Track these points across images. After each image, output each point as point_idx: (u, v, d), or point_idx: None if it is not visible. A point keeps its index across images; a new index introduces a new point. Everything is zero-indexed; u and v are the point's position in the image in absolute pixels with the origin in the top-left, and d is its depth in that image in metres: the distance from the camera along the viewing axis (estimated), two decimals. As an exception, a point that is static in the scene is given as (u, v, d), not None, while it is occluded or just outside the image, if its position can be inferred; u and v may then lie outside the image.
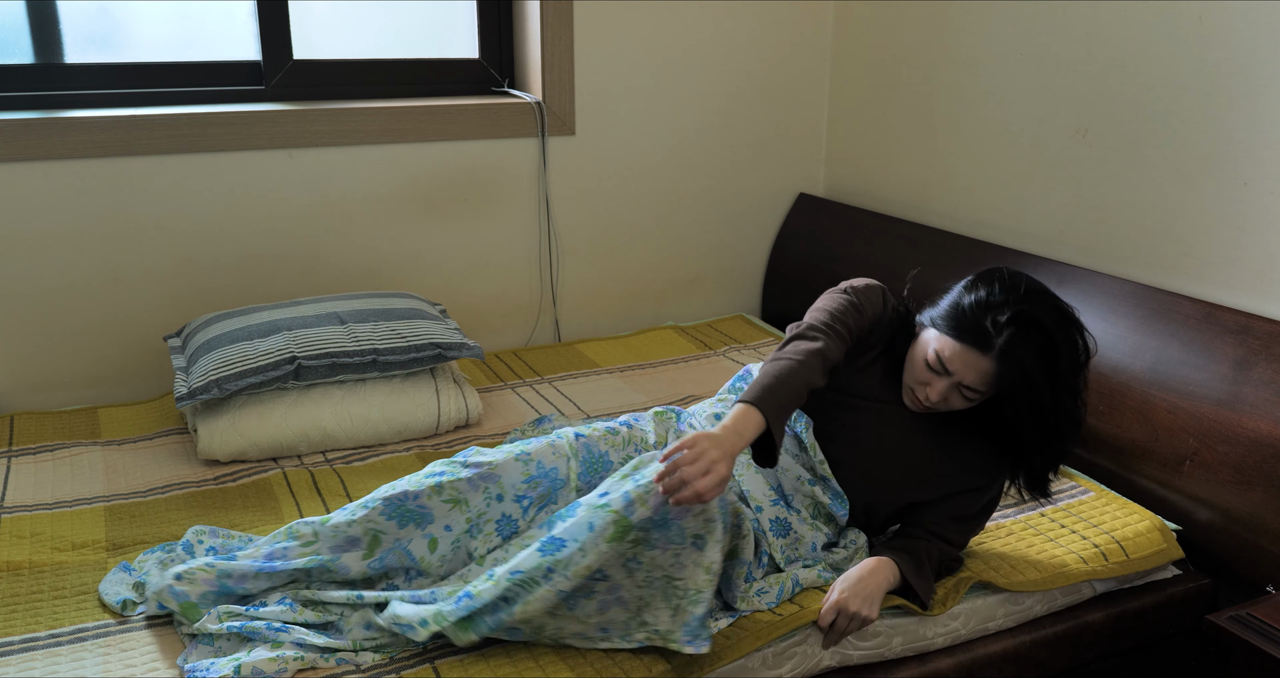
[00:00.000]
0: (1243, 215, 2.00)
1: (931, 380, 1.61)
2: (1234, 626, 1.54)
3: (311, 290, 2.59)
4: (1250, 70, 1.95)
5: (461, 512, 1.60)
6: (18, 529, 1.82)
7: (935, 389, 1.61)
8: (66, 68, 2.40)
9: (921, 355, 1.62)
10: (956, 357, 1.57)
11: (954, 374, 1.58)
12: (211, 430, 2.07)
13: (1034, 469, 1.66)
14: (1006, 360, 1.53)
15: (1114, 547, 1.82)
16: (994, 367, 1.55)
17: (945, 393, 1.60)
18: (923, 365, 1.62)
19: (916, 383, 1.64)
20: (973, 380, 1.58)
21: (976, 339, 1.55)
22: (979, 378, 1.57)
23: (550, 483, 1.66)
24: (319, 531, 1.59)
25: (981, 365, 1.56)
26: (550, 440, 1.71)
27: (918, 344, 1.65)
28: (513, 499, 1.63)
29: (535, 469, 1.65)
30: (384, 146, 2.60)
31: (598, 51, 2.76)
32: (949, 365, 1.58)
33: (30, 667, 1.46)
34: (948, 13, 2.60)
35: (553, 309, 2.91)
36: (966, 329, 1.56)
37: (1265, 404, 1.83)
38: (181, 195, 2.42)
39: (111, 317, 2.43)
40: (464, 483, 1.61)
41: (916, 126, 2.75)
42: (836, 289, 1.72)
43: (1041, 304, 1.56)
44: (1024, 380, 1.53)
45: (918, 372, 1.63)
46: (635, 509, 1.43)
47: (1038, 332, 1.53)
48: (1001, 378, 1.55)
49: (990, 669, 1.71)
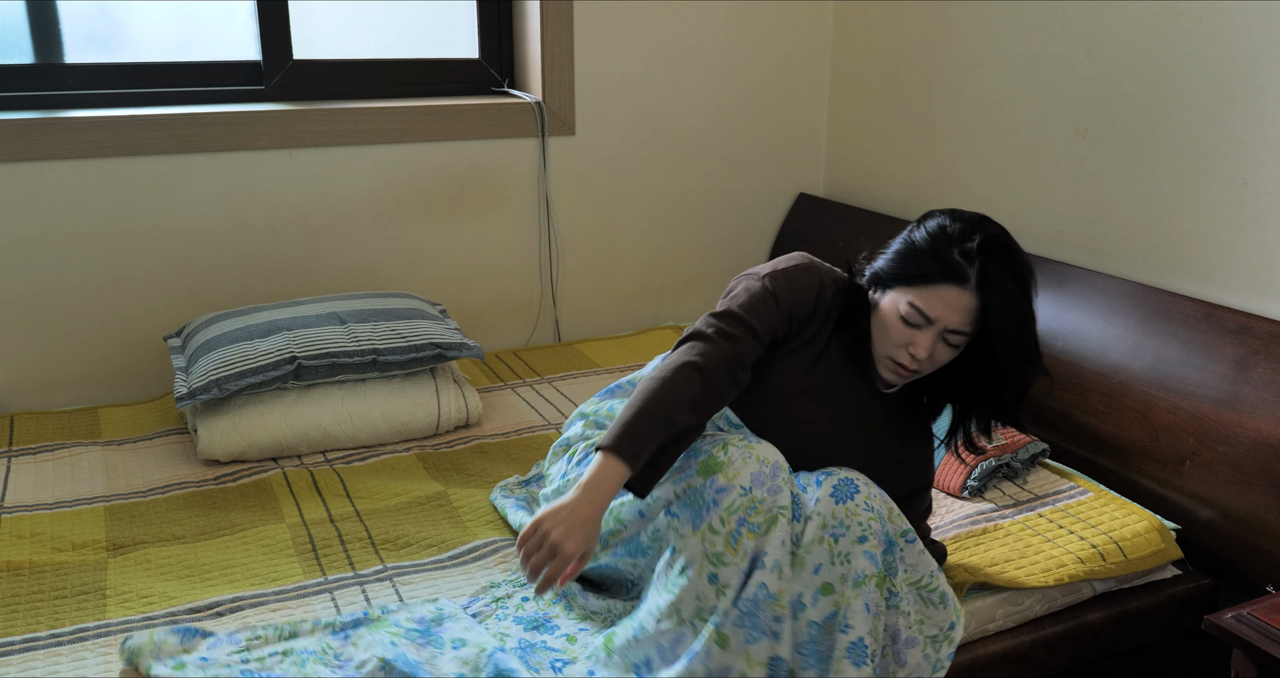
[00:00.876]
0: (1243, 215, 1.99)
1: (914, 337, 1.50)
2: (1234, 625, 1.54)
3: (311, 290, 2.59)
4: (1250, 70, 1.95)
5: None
6: (18, 529, 1.82)
7: (921, 344, 1.49)
8: (66, 68, 2.40)
9: (893, 316, 1.51)
10: (936, 300, 1.48)
11: (936, 321, 1.48)
12: (211, 430, 2.07)
13: (1005, 403, 1.56)
14: (988, 289, 1.46)
15: (1112, 547, 1.82)
16: (975, 300, 1.47)
17: (931, 346, 1.50)
18: (899, 325, 1.51)
19: (896, 347, 1.52)
20: (957, 322, 1.48)
21: (951, 275, 1.47)
22: (963, 317, 1.48)
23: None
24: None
25: (963, 301, 1.47)
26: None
27: (880, 311, 1.54)
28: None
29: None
30: (384, 147, 2.60)
31: (598, 51, 2.76)
32: (930, 312, 1.48)
33: (31, 667, 1.46)
34: (948, 13, 2.60)
35: (553, 309, 2.91)
36: (935, 270, 1.48)
37: (1265, 404, 1.83)
38: (181, 195, 2.42)
39: (111, 317, 2.43)
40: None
41: (916, 126, 2.75)
42: (755, 273, 1.59)
43: (995, 226, 1.52)
44: (1009, 307, 1.46)
45: (894, 334, 1.52)
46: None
47: (1006, 254, 1.48)
48: (987, 308, 1.46)
49: (990, 669, 1.71)
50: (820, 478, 1.49)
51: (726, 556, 1.39)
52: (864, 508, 1.44)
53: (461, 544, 1.81)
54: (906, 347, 1.51)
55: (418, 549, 1.80)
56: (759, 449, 1.45)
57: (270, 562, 1.75)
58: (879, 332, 1.55)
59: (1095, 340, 2.13)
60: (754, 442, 1.47)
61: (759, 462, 1.43)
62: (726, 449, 1.44)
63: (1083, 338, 2.16)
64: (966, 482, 1.99)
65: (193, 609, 1.60)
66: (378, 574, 1.72)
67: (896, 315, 1.51)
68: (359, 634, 1.52)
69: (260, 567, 1.73)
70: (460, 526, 1.88)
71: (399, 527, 1.86)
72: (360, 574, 1.72)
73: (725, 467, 1.42)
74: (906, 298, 1.50)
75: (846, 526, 1.43)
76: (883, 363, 1.56)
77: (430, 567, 1.75)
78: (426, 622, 1.55)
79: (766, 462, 1.43)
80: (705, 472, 1.43)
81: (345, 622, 1.55)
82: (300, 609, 1.62)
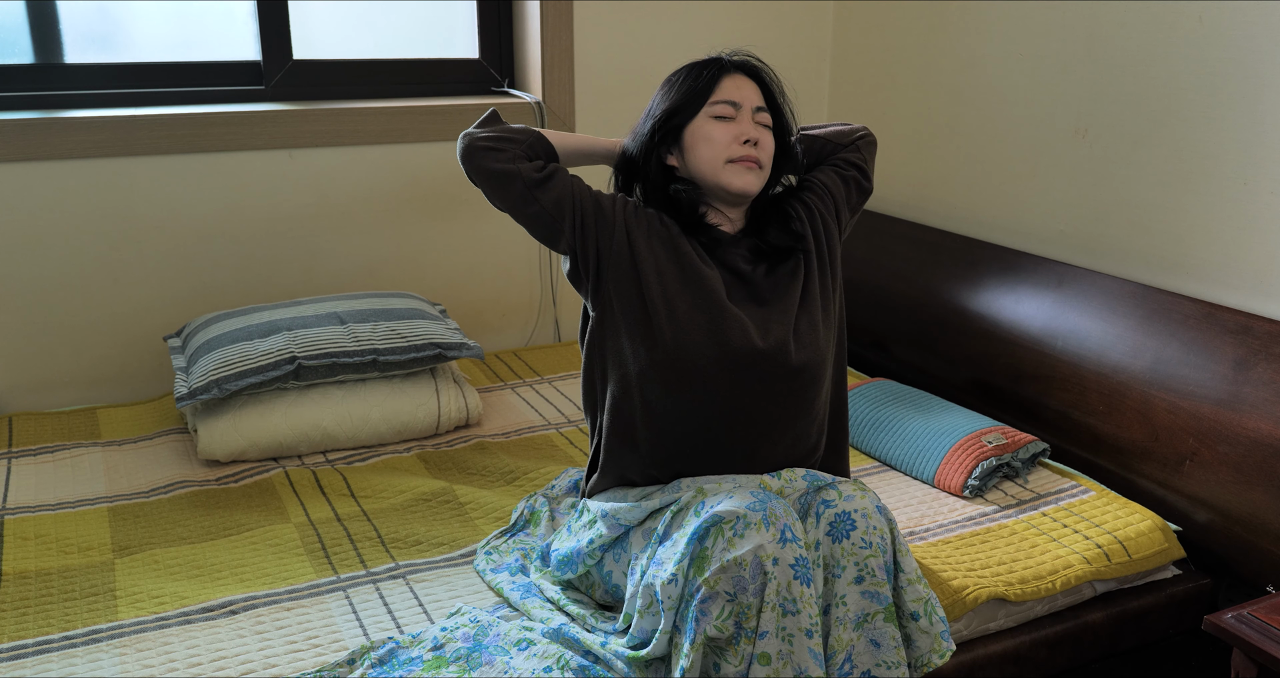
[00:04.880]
0: (1243, 215, 2.00)
1: (735, 128, 1.59)
2: (1234, 625, 1.54)
3: (311, 290, 2.59)
4: (1250, 70, 1.95)
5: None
6: (21, 531, 1.82)
7: (746, 130, 1.59)
8: (66, 68, 2.40)
9: (707, 126, 1.60)
10: (729, 89, 1.60)
11: (742, 104, 1.60)
12: (211, 431, 2.07)
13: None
14: (748, 65, 1.64)
15: (1116, 547, 1.82)
16: (749, 77, 1.63)
17: (752, 127, 1.60)
18: (718, 126, 1.59)
19: (727, 145, 1.58)
20: (754, 98, 1.61)
21: (719, 70, 1.61)
22: (754, 92, 1.62)
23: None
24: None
25: (745, 83, 1.62)
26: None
27: (692, 136, 1.61)
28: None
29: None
30: (384, 147, 2.60)
31: (598, 51, 2.76)
32: (734, 97, 1.60)
33: (46, 669, 1.47)
34: (947, 13, 2.60)
35: (553, 309, 2.91)
36: (705, 75, 1.61)
37: (1265, 404, 1.83)
38: (181, 195, 2.42)
39: (111, 317, 2.42)
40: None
41: (916, 126, 2.75)
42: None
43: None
44: (770, 68, 1.66)
45: (719, 135, 1.59)
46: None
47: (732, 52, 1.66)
48: (760, 73, 1.64)
49: (990, 669, 1.71)
50: (821, 510, 1.47)
51: (729, 655, 1.40)
52: (860, 545, 1.43)
53: (472, 542, 1.82)
54: (736, 139, 1.59)
55: (428, 547, 1.80)
56: (738, 550, 1.38)
57: (280, 561, 1.75)
58: (704, 148, 1.60)
59: (1095, 340, 2.13)
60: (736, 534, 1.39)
61: (737, 565, 1.37)
62: (706, 566, 1.39)
63: (1083, 338, 2.16)
64: (967, 481, 1.99)
65: (206, 609, 1.61)
66: (390, 572, 1.73)
67: (710, 122, 1.60)
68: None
69: (270, 566, 1.73)
70: (469, 523, 1.89)
71: (407, 525, 1.86)
72: (373, 572, 1.73)
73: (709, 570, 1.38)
74: (705, 106, 1.60)
75: (843, 565, 1.43)
76: (725, 172, 1.60)
77: (443, 564, 1.76)
78: (471, 638, 1.53)
79: (744, 564, 1.37)
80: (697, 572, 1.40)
81: (382, 655, 1.50)
82: (315, 608, 1.62)
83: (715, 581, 1.37)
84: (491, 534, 1.83)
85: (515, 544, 1.80)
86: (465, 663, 1.47)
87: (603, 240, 1.59)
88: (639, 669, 1.45)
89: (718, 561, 1.37)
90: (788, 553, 1.38)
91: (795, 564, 1.38)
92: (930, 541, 1.84)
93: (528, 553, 1.76)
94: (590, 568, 1.62)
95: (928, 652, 1.47)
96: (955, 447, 2.04)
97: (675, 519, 1.49)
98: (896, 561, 1.46)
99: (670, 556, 1.42)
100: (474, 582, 1.71)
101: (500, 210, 1.65)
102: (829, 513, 1.45)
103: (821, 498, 1.48)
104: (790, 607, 1.37)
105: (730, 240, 1.63)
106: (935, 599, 1.48)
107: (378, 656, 1.49)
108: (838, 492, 1.49)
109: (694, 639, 1.38)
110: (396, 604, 1.64)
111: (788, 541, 1.38)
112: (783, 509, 1.41)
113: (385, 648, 1.50)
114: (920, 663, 1.47)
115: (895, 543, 1.46)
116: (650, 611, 1.44)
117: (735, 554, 1.36)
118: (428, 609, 1.63)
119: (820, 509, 1.46)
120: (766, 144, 1.62)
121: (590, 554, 1.60)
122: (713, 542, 1.39)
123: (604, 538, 1.58)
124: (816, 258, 1.66)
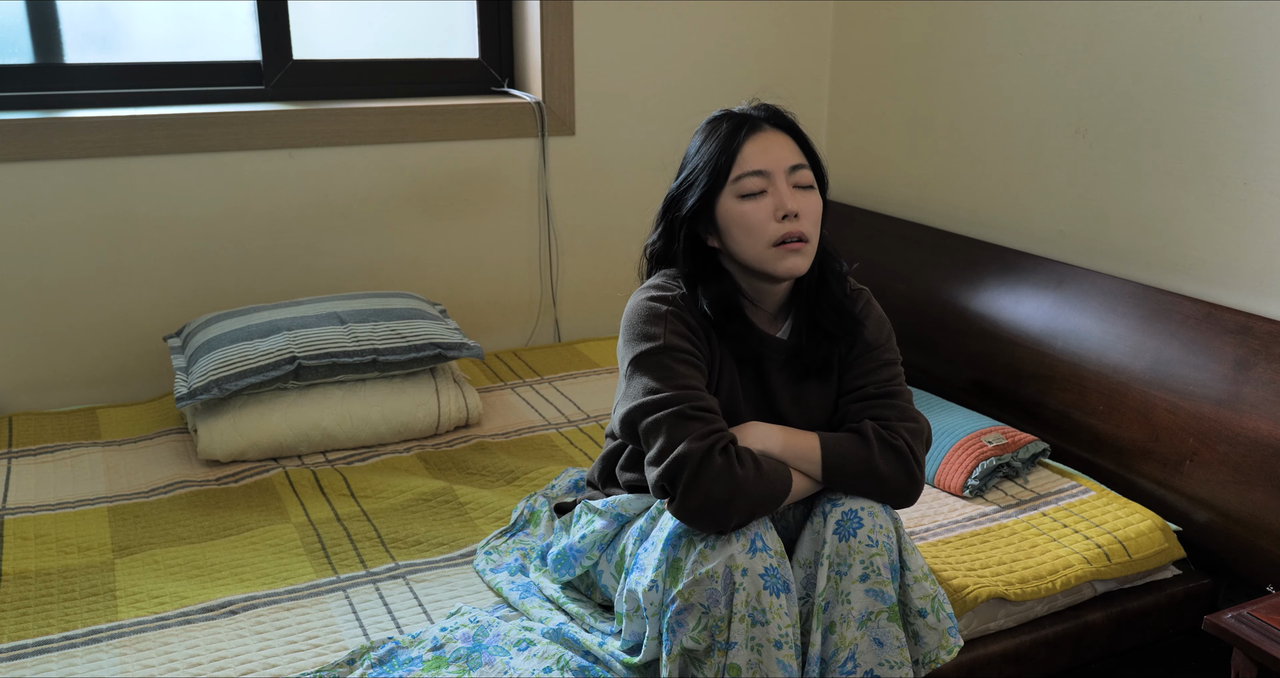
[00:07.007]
0: (1243, 215, 2.00)
1: (773, 203, 1.45)
2: (1234, 625, 1.54)
3: (311, 290, 2.59)
4: (1249, 70, 1.95)
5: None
6: (21, 531, 1.82)
7: (783, 198, 1.44)
8: (66, 68, 2.40)
9: (738, 207, 1.46)
10: (754, 155, 1.46)
11: (772, 170, 1.45)
12: (211, 431, 2.07)
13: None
14: (778, 115, 1.50)
15: (1116, 547, 1.82)
16: (780, 132, 1.49)
17: (790, 196, 1.45)
18: (750, 205, 1.45)
19: (766, 224, 1.44)
20: (788, 158, 1.47)
21: (749, 130, 1.47)
22: (787, 151, 1.47)
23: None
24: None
25: (775, 139, 1.48)
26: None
27: (725, 218, 1.47)
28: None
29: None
30: (384, 147, 2.60)
31: (598, 51, 2.76)
32: (761, 165, 1.45)
33: (46, 669, 1.47)
34: (947, 13, 2.60)
35: (553, 309, 2.91)
36: (729, 137, 1.47)
37: (1265, 404, 1.83)
38: (181, 195, 2.42)
39: (111, 317, 2.42)
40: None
41: (916, 126, 2.75)
42: (624, 358, 1.50)
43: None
44: (796, 125, 1.51)
45: (755, 216, 1.45)
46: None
47: (758, 102, 1.54)
48: (793, 126, 1.50)
49: (990, 669, 1.71)
50: (828, 508, 1.46)
51: (705, 667, 1.40)
52: (866, 543, 1.43)
53: (471, 542, 1.82)
54: (774, 215, 1.45)
55: (428, 547, 1.80)
56: (710, 562, 1.37)
57: (280, 561, 1.75)
58: (742, 234, 1.46)
59: (1095, 340, 2.13)
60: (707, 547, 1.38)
61: (709, 578, 1.36)
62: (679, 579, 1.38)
63: (1083, 338, 2.16)
64: (967, 481, 1.99)
65: (206, 609, 1.61)
66: (390, 572, 1.73)
67: (739, 201, 1.46)
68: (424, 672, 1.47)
69: (270, 566, 1.73)
70: (469, 523, 1.89)
71: (407, 525, 1.86)
72: (373, 573, 1.73)
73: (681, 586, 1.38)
74: (731, 183, 1.46)
75: (849, 564, 1.43)
76: (769, 257, 1.46)
77: (443, 564, 1.76)
78: (471, 638, 1.54)
79: (716, 577, 1.36)
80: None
81: (382, 655, 1.50)
82: (314, 608, 1.62)
83: (689, 593, 1.37)
84: (491, 534, 1.83)
85: (515, 544, 1.80)
86: (465, 663, 1.48)
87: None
88: (637, 672, 1.45)
89: (690, 574, 1.37)
90: (757, 563, 1.37)
91: (765, 574, 1.37)
92: (930, 540, 1.84)
93: (527, 553, 1.76)
94: (587, 569, 1.62)
95: (935, 648, 1.47)
96: (955, 447, 2.04)
97: (656, 519, 1.49)
98: (902, 559, 1.46)
99: (650, 561, 1.42)
100: (474, 582, 1.71)
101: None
102: (835, 512, 1.45)
103: (828, 496, 1.48)
104: (759, 617, 1.36)
105: (770, 347, 1.56)
106: (943, 596, 1.47)
107: (377, 656, 1.49)
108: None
109: (670, 651, 1.38)
110: (396, 604, 1.64)
111: (758, 550, 1.37)
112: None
113: (385, 648, 1.50)
114: (928, 659, 1.47)
115: (900, 541, 1.46)
116: (637, 614, 1.44)
117: (707, 567, 1.36)
118: (427, 609, 1.63)
119: (827, 508, 1.46)
120: (810, 211, 1.47)
121: (588, 554, 1.60)
122: (684, 552, 1.39)
123: (598, 533, 1.58)
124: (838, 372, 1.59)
